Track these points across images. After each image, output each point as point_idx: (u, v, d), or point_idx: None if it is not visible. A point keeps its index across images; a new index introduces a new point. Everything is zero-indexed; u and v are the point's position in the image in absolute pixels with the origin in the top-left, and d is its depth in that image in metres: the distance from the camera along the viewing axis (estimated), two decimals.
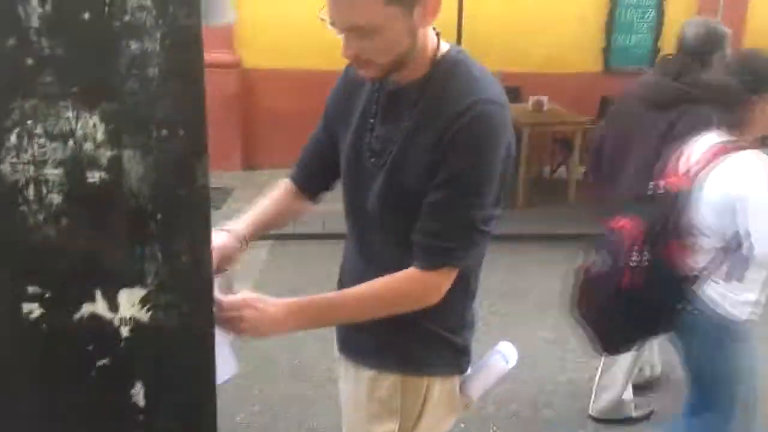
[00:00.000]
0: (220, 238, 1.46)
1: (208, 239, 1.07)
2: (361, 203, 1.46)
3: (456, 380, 1.56)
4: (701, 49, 2.79)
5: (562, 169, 6.87)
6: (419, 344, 1.49)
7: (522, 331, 4.20)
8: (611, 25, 7.52)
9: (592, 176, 3.33)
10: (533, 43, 7.20)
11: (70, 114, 1.00)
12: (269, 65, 7.42)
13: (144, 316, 1.08)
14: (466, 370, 1.59)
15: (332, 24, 1.29)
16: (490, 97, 1.34)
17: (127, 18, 0.97)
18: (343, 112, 1.52)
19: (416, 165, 1.36)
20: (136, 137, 1.01)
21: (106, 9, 0.97)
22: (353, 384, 1.60)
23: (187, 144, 1.03)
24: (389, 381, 1.51)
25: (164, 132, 1.02)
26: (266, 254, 5.37)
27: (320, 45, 8.39)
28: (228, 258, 1.47)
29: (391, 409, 1.52)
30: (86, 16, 0.97)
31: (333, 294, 1.47)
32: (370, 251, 1.49)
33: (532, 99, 6.51)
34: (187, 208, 1.05)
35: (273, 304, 1.33)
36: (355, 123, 1.47)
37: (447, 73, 1.37)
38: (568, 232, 5.79)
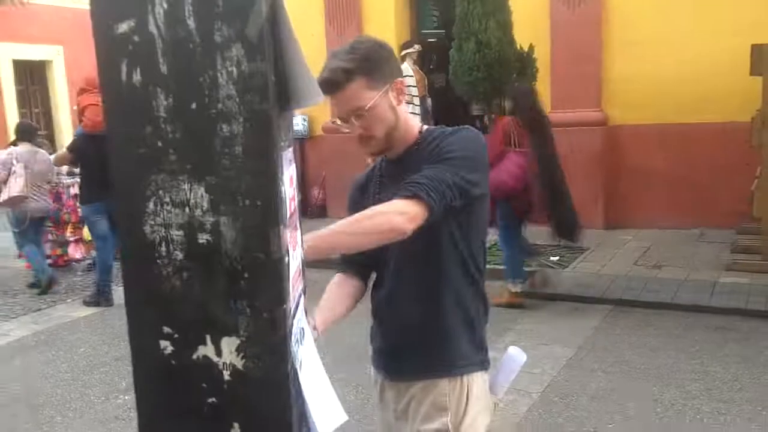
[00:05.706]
0: None
1: (282, 301, 1.17)
2: (395, 246, 1.81)
3: (486, 376, 1.95)
4: None
5: None
6: (452, 350, 1.89)
7: None
8: None
9: None
10: None
11: (186, 186, 1.20)
12: (636, 121, 7.15)
13: (239, 363, 1.22)
14: (489, 367, 1.96)
15: (341, 119, 1.82)
16: (468, 127, 1.89)
17: (220, 105, 1.15)
18: (362, 202, 1.95)
19: None
20: (228, 206, 1.17)
21: (206, 99, 1.15)
22: (399, 399, 1.96)
23: (265, 214, 1.15)
24: (440, 385, 1.89)
25: (247, 202, 1.15)
26: (599, 321, 5.14)
27: (688, 98, 7.80)
28: None
29: (441, 408, 1.88)
30: (194, 105, 1.17)
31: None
32: (408, 283, 1.88)
33: None
34: (265, 271, 1.16)
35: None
36: (370, 200, 1.94)
37: (431, 133, 1.90)
38: None
